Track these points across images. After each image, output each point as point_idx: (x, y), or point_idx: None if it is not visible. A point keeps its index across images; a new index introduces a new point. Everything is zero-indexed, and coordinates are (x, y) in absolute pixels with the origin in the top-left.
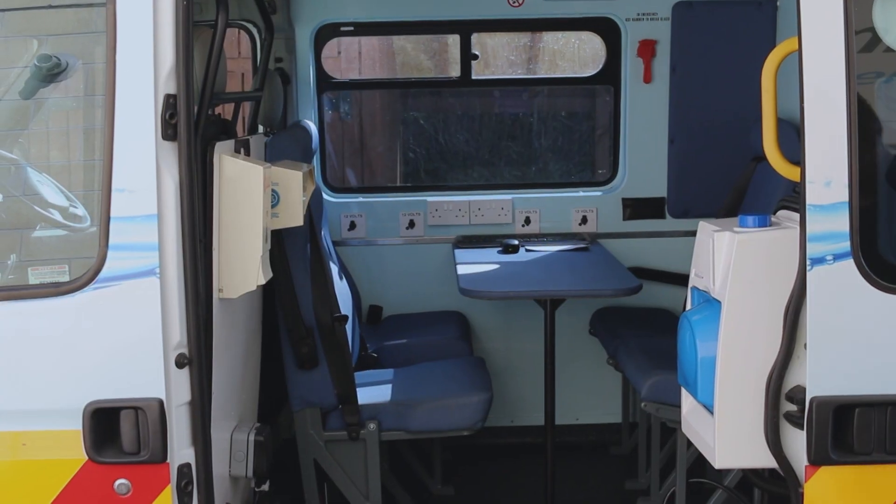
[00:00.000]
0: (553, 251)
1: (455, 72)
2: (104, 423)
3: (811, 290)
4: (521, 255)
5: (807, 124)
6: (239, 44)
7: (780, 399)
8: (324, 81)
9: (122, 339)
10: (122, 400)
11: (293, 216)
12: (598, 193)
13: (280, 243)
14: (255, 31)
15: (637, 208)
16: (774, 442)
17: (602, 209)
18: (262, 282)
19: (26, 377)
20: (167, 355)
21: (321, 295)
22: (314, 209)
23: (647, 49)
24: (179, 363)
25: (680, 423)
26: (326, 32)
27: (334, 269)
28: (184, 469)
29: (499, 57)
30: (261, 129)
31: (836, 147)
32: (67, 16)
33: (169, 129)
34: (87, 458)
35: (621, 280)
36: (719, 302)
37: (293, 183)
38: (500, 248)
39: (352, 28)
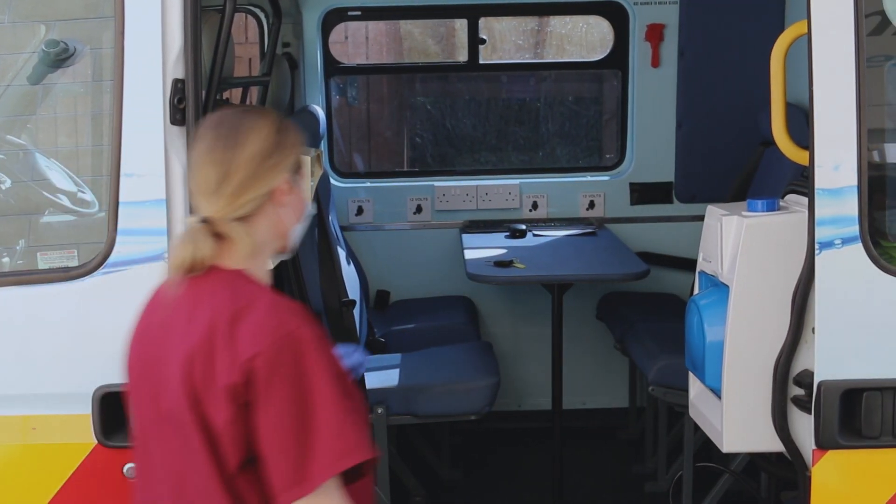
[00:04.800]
0: (560, 236)
1: (462, 56)
2: (113, 408)
3: (819, 275)
4: (529, 240)
5: (816, 108)
6: (246, 29)
7: (788, 383)
8: (331, 66)
9: (131, 324)
10: None
11: None
12: (606, 178)
13: None
14: (262, 15)
15: (644, 193)
16: (782, 426)
17: (609, 194)
18: (270, 267)
19: (36, 362)
20: None
21: (329, 279)
22: (322, 194)
23: (655, 33)
24: None
25: (687, 407)
26: (334, 17)
27: (342, 253)
28: None
29: (506, 41)
30: None
31: (845, 131)
32: (75, 1)
33: (177, 114)
34: (96, 442)
35: (629, 265)
36: (727, 286)
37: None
38: (507, 233)
39: (359, 13)
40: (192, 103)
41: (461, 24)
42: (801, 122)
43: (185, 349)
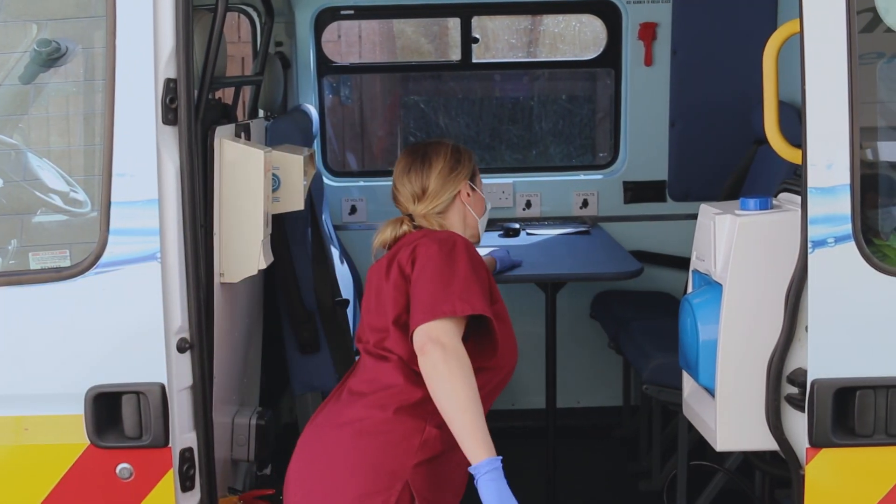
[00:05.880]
0: (554, 235)
1: (455, 55)
2: (106, 408)
3: (812, 273)
4: (522, 239)
5: (808, 106)
6: (239, 28)
7: (782, 382)
8: (324, 65)
9: (124, 324)
10: (124, 385)
11: (294, 200)
12: (599, 177)
13: (281, 228)
14: (254, 15)
15: (638, 191)
16: (775, 424)
17: (603, 192)
18: (263, 266)
19: (28, 362)
20: (168, 340)
21: (322, 279)
22: (315, 193)
23: (647, 32)
24: (181, 348)
25: (681, 406)
26: (326, 16)
27: (335, 253)
28: (186, 453)
29: (499, 40)
30: (261, 113)
31: (838, 129)
32: (67, 0)
33: (169, 114)
34: (88, 442)
35: (622, 263)
36: (720, 285)
37: (294, 167)
38: (500, 232)
39: (352, 12)
40: (184, 103)
41: (454, 23)
42: (794, 120)
43: (383, 264)
